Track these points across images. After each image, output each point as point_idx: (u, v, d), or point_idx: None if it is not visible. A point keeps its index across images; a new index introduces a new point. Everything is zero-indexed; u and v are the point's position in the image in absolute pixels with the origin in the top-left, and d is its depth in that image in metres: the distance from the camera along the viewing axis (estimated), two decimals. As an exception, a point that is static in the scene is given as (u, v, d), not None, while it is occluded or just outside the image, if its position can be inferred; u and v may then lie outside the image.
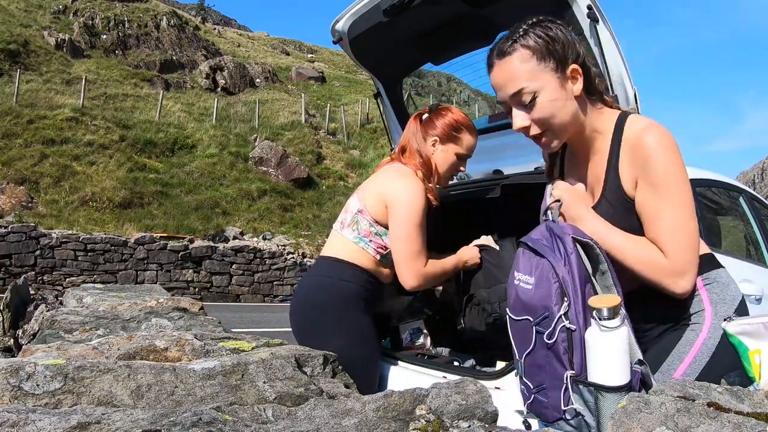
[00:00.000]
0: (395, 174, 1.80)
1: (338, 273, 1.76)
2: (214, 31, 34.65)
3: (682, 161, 1.15)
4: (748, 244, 2.79)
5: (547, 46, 1.19)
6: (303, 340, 1.73)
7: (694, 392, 0.69)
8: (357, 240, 1.77)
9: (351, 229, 1.79)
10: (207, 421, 0.62)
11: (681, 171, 1.14)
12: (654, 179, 1.13)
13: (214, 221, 14.26)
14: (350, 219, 1.81)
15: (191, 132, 17.79)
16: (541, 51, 1.18)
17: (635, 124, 1.20)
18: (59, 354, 0.92)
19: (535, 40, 1.19)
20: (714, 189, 2.47)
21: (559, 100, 1.19)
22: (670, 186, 1.12)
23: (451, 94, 3.69)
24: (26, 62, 18.51)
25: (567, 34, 1.22)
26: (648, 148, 1.14)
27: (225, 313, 9.54)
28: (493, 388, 1.59)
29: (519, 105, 1.21)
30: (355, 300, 1.75)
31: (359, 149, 20.89)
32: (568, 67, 1.19)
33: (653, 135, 1.15)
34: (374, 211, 1.77)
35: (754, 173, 66.77)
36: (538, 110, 1.19)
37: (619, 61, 1.73)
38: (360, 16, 2.07)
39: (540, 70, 1.18)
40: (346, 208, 1.88)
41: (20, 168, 13.48)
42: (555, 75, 1.19)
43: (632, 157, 1.17)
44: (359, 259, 1.77)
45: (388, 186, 1.77)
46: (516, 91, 1.19)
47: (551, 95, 1.18)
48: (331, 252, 1.82)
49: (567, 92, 1.20)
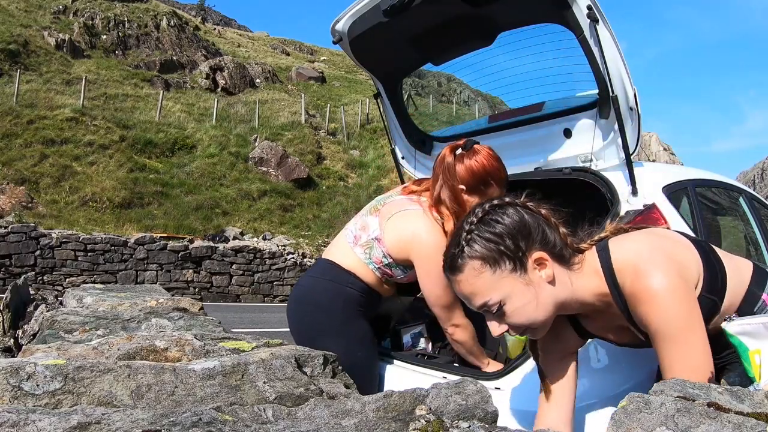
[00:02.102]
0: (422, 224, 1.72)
1: (340, 278, 1.76)
2: (214, 31, 34.65)
3: (685, 303, 1.04)
4: (748, 244, 2.79)
5: (498, 248, 1.07)
6: (301, 341, 1.73)
7: (694, 392, 0.69)
8: (367, 262, 1.77)
9: (363, 250, 1.77)
10: (207, 422, 0.62)
11: (683, 317, 1.03)
12: (655, 332, 1.05)
13: (214, 221, 14.27)
14: (365, 241, 1.78)
15: (191, 132, 17.78)
16: (492, 257, 1.07)
17: (627, 275, 1.08)
18: (59, 354, 0.92)
19: (482, 245, 1.07)
20: (714, 189, 2.47)
21: (530, 302, 1.08)
22: (677, 337, 1.03)
23: (451, 94, 3.69)
24: (26, 62, 18.50)
25: (517, 215, 1.10)
26: (646, 305, 1.05)
27: (225, 313, 9.54)
28: (493, 388, 1.59)
29: (488, 314, 1.11)
30: (354, 305, 1.76)
31: (359, 149, 20.88)
32: (528, 260, 1.08)
33: (647, 289, 1.04)
34: (393, 250, 1.74)
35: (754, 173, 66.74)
36: (510, 317, 1.09)
37: (619, 61, 1.73)
38: (360, 16, 2.07)
39: (497, 279, 1.07)
40: (363, 224, 1.82)
41: (20, 168, 13.48)
42: (515, 276, 1.08)
43: (636, 311, 1.08)
44: (363, 273, 1.77)
45: (414, 237, 1.71)
46: (480, 304, 1.10)
47: (518, 301, 1.08)
48: (335, 258, 1.81)
49: (536, 285, 1.09)
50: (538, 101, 2.21)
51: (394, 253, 1.74)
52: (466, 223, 1.12)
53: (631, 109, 1.80)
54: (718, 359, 1.26)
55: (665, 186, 1.92)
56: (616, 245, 1.13)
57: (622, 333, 1.22)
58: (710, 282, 1.13)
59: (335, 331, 1.73)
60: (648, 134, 34.07)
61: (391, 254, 1.74)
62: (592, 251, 1.15)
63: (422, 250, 1.69)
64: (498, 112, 2.73)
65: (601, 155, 1.96)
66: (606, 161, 1.95)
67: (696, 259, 1.13)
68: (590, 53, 1.75)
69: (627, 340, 1.23)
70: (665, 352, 1.05)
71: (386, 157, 17.93)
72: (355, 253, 1.78)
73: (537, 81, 2.27)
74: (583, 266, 1.14)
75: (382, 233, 1.75)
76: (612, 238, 1.16)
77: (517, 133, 2.21)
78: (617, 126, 1.79)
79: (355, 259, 1.77)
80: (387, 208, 1.82)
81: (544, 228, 1.11)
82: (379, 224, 1.78)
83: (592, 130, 1.96)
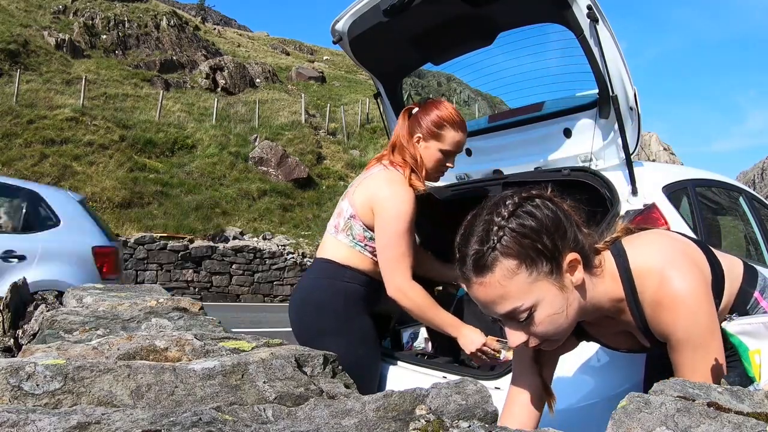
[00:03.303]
0: (383, 181, 1.78)
1: (338, 274, 1.76)
2: (214, 31, 34.64)
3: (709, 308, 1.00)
4: (748, 244, 2.79)
5: (535, 246, 0.94)
6: (304, 341, 1.73)
7: (694, 392, 0.69)
8: (353, 245, 1.77)
9: (345, 234, 1.79)
10: (207, 421, 0.62)
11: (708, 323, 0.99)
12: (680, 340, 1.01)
13: (214, 221, 14.26)
14: (343, 224, 1.80)
15: (191, 132, 17.78)
16: (529, 255, 0.94)
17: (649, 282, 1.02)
18: (59, 354, 0.92)
19: (517, 242, 0.94)
20: (714, 189, 2.47)
21: (562, 308, 0.97)
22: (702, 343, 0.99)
23: (451, 94, 3.69)
24: (26, 62, 18.50)
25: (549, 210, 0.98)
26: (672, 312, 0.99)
27: (225, 313, 9.54)
28: (493, 388, 1.59)
29: (512, 321, 0.99)
30: (355, 300, 1.76)
31: (359, 149, 20.88)
32: (564, 260, 0.97)
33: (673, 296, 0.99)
34: (365, 216, 1.76)
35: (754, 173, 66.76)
36: (537, 325, 0.97)
37: (619, 61, 1.73)
38: (360, 16, 2.07)
39: (533, 281, 0.94)
40: (338, 211, 1.86)
41: (20, 168, 13.48)
42: (551, 279, 0.96)
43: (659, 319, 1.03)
44: (357, 262, 1.77)
45: (376, 193, 1.75)
46: (507, 312, 0.96)
47: (551, 308, 0.96)
48: (328, 254, 1.82)
49: (568, 291, 0.98)
50: (538, 101, 2.21)
51: (367, 220, 1.76)
52: (495, 215, 0.97)
53: (631, 109, 1.80)
54: None
55: (665, 186, 1.92)
56: (633, 249, 1.07)
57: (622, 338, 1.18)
58: (714, 283, 1.12)
59: (337, 329, 1.73)
60: (648, 134, 34.06)
61: (365, 223, 1.76)
62: (607, 254, 1.08)
63: (381, 200, 1.72)
64: (498, 112, 2.73)
65: (601, 155, 1.96)
66: (606, 161, 1.95)
67: (705, 260, 1.12)
68: (590, 53, 1.75)
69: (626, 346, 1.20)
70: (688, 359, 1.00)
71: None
72: (340, 240, 1.80)
73: (537, 81, 2.27)
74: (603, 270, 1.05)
75: (354, 208, 1.78)
76: (624, 240, 1.10)
77: (517, 133, 2.21)
78: (617, 126, 1.79)
79: (344, 248, 1.78)
80: (352, 186, 1.87)
81: (574, 226, 1.00)
82: (349, 201, 1.81)
83: (591, 130, 1.96)
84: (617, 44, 1.71)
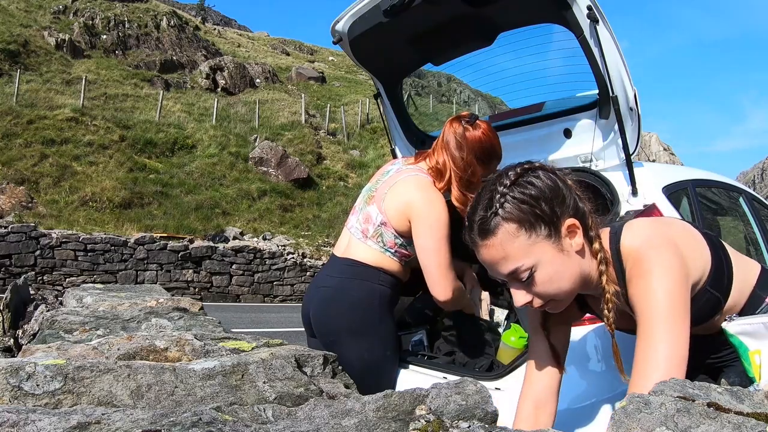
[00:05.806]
0: (414, 186, 1.75)
1: (372, 276, 1.77)
2: (214, 31, 34.64)
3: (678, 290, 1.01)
4: (748, 244, 2.79)
5: (533, 211, 1.04)
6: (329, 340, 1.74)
7: (694, 392, 0.69)
8: (383, 251, 1.78)
9: (375, 241, 1.78)
10: (207, 421, 0.62)
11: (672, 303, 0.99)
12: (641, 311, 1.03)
13: (214, 221, 14.26)
14: (373, 231, 1.78)
15: (191, 132, 17.79)
16: (528, 220, 1.04)
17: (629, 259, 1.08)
18: (59, 354, 0.92)
19: (518, 207, 1.04)
20: (714, 189, 2.47)
21: (561, 269, 1.06)
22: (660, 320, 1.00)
23: (451, 94, 3.69)
24: (26, 62, 18.50)
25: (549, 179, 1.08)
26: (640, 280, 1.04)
27: (225, 313, 9.54)
28: (493, 388, 1.59)
29: (515, 282, 1.08)
30: (388, 301, 1.79)
31: (359, 149, 20.88)
32: (562, 225, 1.06)
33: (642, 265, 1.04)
34: (397, 224, 1.74)
35: (754, 173, 66.75)
36: (538, 285, 1.06)
37: (619, 61, 1.73)
38: (360, 16, 2.07)
39: (532, 243, 1.04)
40: (366, 216, 1.82)
41: (20, 168, 13.48)
42: (550, 242, 1.05)
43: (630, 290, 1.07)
44: (387, 265, 1.78)
45: (413, 200, 1.72)
46: (510, 271, 1.06)
47: (551, 268, 1.05)
48: (357, 256, 1.80)
49: (567, 253, 1.07)
50: (538, 101, 2.21)
51: (400, 228, 1.74)
52: (499, 185, 1.07)
53: (631, 110, 1.80)
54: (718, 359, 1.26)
55: (665, 186, 1.92)
56: (628, 230, 1.13)
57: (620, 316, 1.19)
58: (715, 277, 1.12)
59: (369, 329, 1.75)
60: (648, 134, 34.05)
61: (398, 231, 1.75)
62: (605, 232, 1.15)
63: (419, 206, 1.71)
64: (498, 112, 2.73)
65: (601, 155, 1.96)
66: (606, 161, 1.95)
67: (704, 251, 1.13)
68: (590, 53, 1.75)
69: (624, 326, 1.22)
70: (641, 337, 1.01)
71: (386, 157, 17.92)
72: (370, 246, 1.79)
73: (537, 81, 2.27)
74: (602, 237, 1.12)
75: (385, 215, 1.76)
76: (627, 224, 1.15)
77: (517, 133, 2.21)
78: (617, 126, 1.80)
79: (375, 253, 1.78)
80: (379, 191, 1.82)
81: (574, 196, 1.09)
82: (378, 208, 1.78)
83: (592, 131, 1.96)
84: (617, 45, 1.71)
